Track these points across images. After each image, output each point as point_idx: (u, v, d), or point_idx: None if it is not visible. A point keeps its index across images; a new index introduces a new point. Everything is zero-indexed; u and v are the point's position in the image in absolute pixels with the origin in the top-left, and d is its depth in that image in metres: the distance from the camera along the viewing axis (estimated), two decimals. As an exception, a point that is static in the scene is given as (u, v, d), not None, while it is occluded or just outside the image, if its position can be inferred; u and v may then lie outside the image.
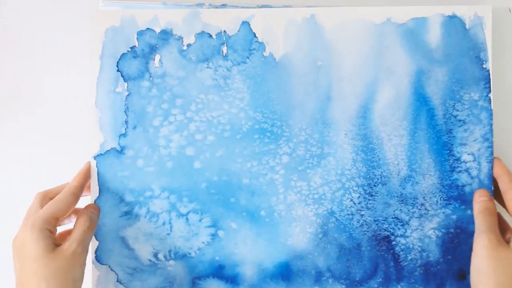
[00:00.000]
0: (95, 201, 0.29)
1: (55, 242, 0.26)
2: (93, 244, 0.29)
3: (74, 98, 0.32)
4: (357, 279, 0.29)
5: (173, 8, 0.30)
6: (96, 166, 0.29)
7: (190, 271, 0.30)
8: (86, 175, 0.29)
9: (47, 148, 0.32)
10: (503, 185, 0.28)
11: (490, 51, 0.29)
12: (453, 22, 0.29)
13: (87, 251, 0.27)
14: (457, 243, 0.29)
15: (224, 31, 0.30)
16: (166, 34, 0.30)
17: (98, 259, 0.29)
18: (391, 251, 0.29)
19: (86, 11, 0.30)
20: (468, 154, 0.29)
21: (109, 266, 0.29)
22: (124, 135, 0.29)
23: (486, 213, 0.28)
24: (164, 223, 0.29)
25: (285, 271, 0.30)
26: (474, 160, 0.29)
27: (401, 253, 0.29)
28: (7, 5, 0.32)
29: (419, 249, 0.29)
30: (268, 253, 0.30)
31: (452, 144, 0.29)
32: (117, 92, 0.30)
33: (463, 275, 0.29)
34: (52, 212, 0.26)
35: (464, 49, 0.29)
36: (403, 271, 0.29)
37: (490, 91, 0.29)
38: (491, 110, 0.29)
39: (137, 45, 0.30)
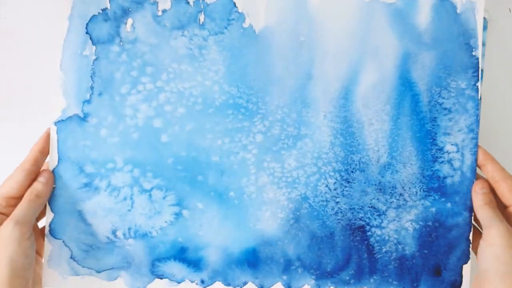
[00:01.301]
0: (53, 170, 0.30)
1: (1, 223, 0.28)
2: (47, 216, 0.30)
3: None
4: (328, 270, 0.31)
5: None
6: (57, 133, 0.30)
7: (150, 252, 0.31)
8: (42, 145, 0.31)
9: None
10: (495, 174, 0.31)
11: (480, 38, 0.31)
12: (444, 5, 0.31)
13: (27, 227, 0.29)
14: (435, 237, 0.31)
15: None
16: None
17: (52, 232, 0.31)
18: (365, 242, 0.31)
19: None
20: (452, 144, 0.31)
21: (63, 241, 0.31)
22: (88, 101, 0.31)
23: (490, 205, 0.31)
24: (125, 198, 0.31)
25: (252, 258, 0.31)
26: (458, 151, 0.31)
27: (375, 244, 0.31)
28: (7, 5, 0.35)
29: (395, 241, 0.31)
30: (235, 238, 0.31)
31: (435, 133, 0.31)
32: (84, 56, 0.31)
33: (438, 271, 0.31)
34: (2, 192, 0.29)
35: (454, 34, 0.31)
36: (376, 263, 0.31)
37: (478, 80, 0.31)
38: (478, 100, 0.31)
39: (109, 7, 0.31)
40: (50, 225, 0.32)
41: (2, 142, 0.39)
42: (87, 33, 0.32)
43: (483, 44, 0.33)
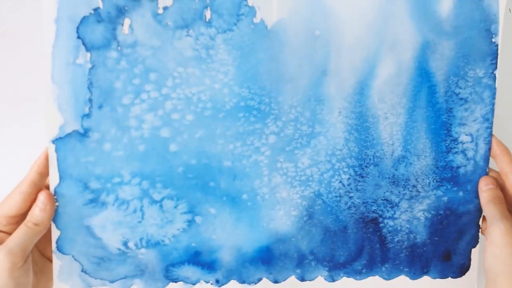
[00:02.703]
0: (55, 189, 0.50)
1: (2, 242, 0.45)
2: (54, 234, 0.49)
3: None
4: (341, 261, 0.55)
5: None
6: (55, 151, 0.48)
7: (163, 259, 0.53)
8: (40, 166, 0.47)
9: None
10: (504, 166, 0.51)
11: (502, 24, 0.50)
12: None
13: (20, 256, 0.45)
14: (446, 225, 0.55)
15: None
16: None
17: (59, 249, 0.51)
18: (378, 233, 0.55)
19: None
20: (466, 134, 0.53)
21: (73, 256, 0.51)
22: (87, 115, 0.48)
23: (496, 201, 0.51)
24: (135, 211, 0.52)
25: (265, 255, 0.54)
26: (472, 141, 0.53)
27: (388, 235, 0.55)
28: (7, 5, 0.47)
29: (407, 231, 0.55)
30: (249, 237, 0.53)
31: (451, 124, 0.52)
32: (78, 64, 0.46)
33: (448, 256, 0.56)
34: (1, 211, 0.46)
35: (476, 21, 0.50)
36: (388, 253, 0.56)
37: (496, 67, 0.52)
38: (495, 88, 0.52)
39: (101, 7, 0.45)
40: (57, 242, 0.52)
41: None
42: (78, 37, 0.47)
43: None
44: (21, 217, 0.47)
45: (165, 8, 0.46)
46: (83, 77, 0.47)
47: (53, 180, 0.48)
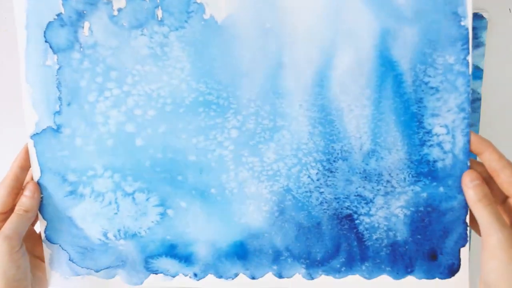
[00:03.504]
0: (38, 182, 0.70)
1: None
2: (41, 224, 0.69)
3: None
4: (318, 258, 0.69)
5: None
6: (34, 146, 0.68)
7: (141, 250, 0.72)
8: (21, 161, 0.65)
9: None
10: (493, 164, 0.59)
11: (470, 5, 0.61)
12: None
13: (16, 240, 0.62)
14: (428, 222, 0.66)
15: None
16: None
17: (48, 238, 0.70)
18: (354, 230, 0.68)
19: None
20: (441, 126, 0.64)
21: (60, 245, 0.71)
22: (58, 112, 0.68)
23: (485, 201, 0.59)
24: (110, 203, 0.71)
25: (240, 251, 0.69)
26: (448, 133, 0.64)
27: (365, 232, 0.68)
28: (7, 5, 0.69)
29: (385, 228, 0.66)
30: (222, 232, 0.67)
31: (422, 115, 0.63)
32: (48, 66, 0.65)
33: (434, 255, 0.68)
34: None
35: (439, 4, 0.60)
36: (367, 251, 0.68)
37: (468, 53, 0.63)
38: (470, 75, 0.63)
39: (63, 12, 0.64)
40: (45, 232, 0.73)
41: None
42: (46, 41, 0.68)
43: (483, 44, 0.66)
44: (8, 214, 0.64)
45: (119, 10, 0.63)
46: (52, 77, 0.65)
47: (35, 173, 0.67)
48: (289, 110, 0.64)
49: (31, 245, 0.68)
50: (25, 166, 0.66)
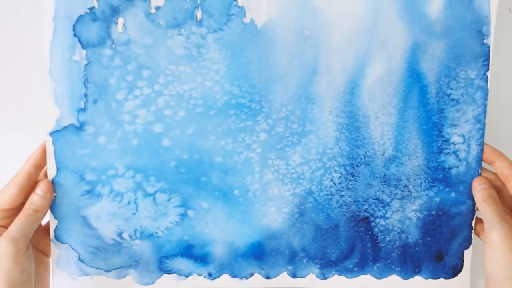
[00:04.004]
0: (52, 180, 0.76)
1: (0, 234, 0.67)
2: (51, 223, 0.74)
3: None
4: (332, 259, 0.81)
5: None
6: (52, 143, 0.72)
7: (157, 251, 0.79)
8: (36, 159, 0.70)
9: None
10: (505, 170, 0.73)
11: (493, 25, 0.73)
12: None
13: (22, 242, 0.67)
14: (438, 225, 0.78)
15: None
16: None
17: (57, 237, 0.75)
18: (369, 232, 0.79)
19: None
20: (458, 135, 0.75)
21: (70, 245, 0.75)
22: (83, 109, 0.73)
23: (490, 201, 0.73)
24: (129, 203, 0.78)
25: (257, 251, 0.78)
26: (464, 142, 0.76)
27: (379, 234, 0.80)
28: (7, 5, 0.72)
29: (398, 230, 0.78)
30: (240, 233, 0.76)
31: (442, 125, 0.75)
32: (74, 61, 0.70)
33: (440, 256, 0.80)
34: None
35: (467, 22, 0.73)
36: (380, 252, 0.79)
37: (488, 69, 0.75)
38: (487, 89, 0.75)
39: (96, 6, 0.69)
40: (55, 231, 0.78)
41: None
42: (75, 35, 0.72)
43: (486, 43, 0.79)
44: (15, 210, 0.67)
45: (157, 8, 0.70)
46: (79, 73, 0.71)
47: (51, 171, 0.72)
48: (318, 115, 0.75)
49: (36, 239, 0.71)
50: (39, 165, 0.71)
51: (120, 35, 0.71)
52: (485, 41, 0.74)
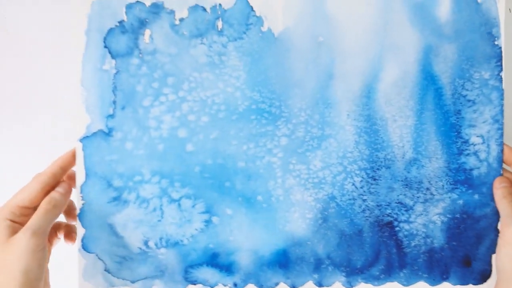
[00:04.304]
0: (81, 187, 0.78)
1: (17, 231, 0.69)
2: (79, 232, 0.77)
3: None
4: (358, 266, 0.81)
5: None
6: (82, 149, 0.76)
7: (182, 259, 0.80)
8: (64, 161, 0.73)
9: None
10: None
11: (503, 27, 0.76)
12: None
13: (42, 237, 0.68)
14: (463, 229, 0.79)
15: (220, 4, 0.73)
16: (157, 8, 0.74)
17: (84, 247, 0.77)
18: (394, 237, 0.80)
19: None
20: (477, 136, 0.77)
21: (97, 255, 0.76)
22: (112, 116, 0.77)
23: (509, 198, 0.74)
24: (155, 209, 0.81)
25: (282, 259, 0.79)
26: (483, 143, 0.77)
27: (404, 239, 0.81)
28: (7, 5, 0.78)
29: (423, 235, 0.79)
30: (265, 240, 0.78)
31: (460, 126, 0.77)
32: (104, 70, 0.75)
33: (468, 261, 0.80)
34: (16, 201, 0.70)
35: (476, 25, 0.77)
36: (406, 257, 0.79)
37: (502, 69, 0.76)
38: (503, 89, 0.76)
39: (125, 19, 0.74)
40: (82, 240, 0.79)
41: (6, 141, 0.89)
42: (105, 47, 0.78)
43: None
44: (32, 210, 0.67)
45: (181, 20, 0.75)
46: (109, 81, 0.75)
47: (80, 177, 0.75)
48: (337, 119, 0.77)
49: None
50: (66, 167, 0.74)
51: (147, 45, 0.76)
52: (496, 43, 0.76)
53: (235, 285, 0.80)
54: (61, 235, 0.77)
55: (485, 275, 0.79)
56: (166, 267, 0.79)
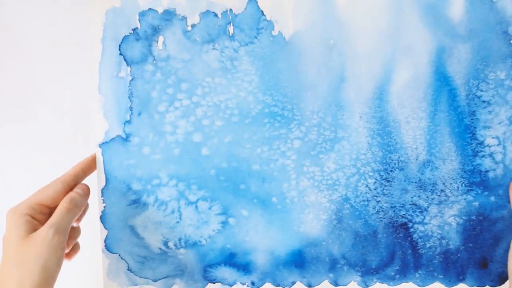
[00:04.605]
0: (101, 190, 0.80)
1: (35, 227, 0.71)
2: (102, 233, 0.78)
3: (75, 97, 0.91)
4: (373, 266, 0.82)
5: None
6: (102, 155, 0.78)
7: (201, 259, 0.83)
8: (86, 165, 0.75)
9: (52, 146, 0.87)
10: None
11: None
12: None
13: (65, 235, 0.70)
14: (479, 231, 0.78)
15: (230, 9, 0.74)
16: (169, 14, 0.75)
17: (107, 248, 0.80)
18: (409, 238, 0.80)
19: (86, 10, 0.80)
20: (493, 137, 0.75)
21: (119, 255, 0.80)
22: (129, 121, 0.80)
23: None
24: (173, 211, 0.84)
25: (298, 259, 0.80)
26: (499, 144, 0.76)
27: (419, 240, 0.80)
28: (7, 5, 0.80)
29: (438, 236, 0.78)
30: (281, 241, 0.79)
31: (475, 127, 0.75)
32: (120, 77, 0.77)
33: (485, 263, 0.79)
34: (37, 198, 0.71)
35: (491, 24, 0.75)
36: (421, 258, 0.79)
37: None
38: None
39: (139, 27, 0.76)
40: (105, 241, 0.83)
41: (7, 141, 0.93)
42: (120, 54, 0.82)
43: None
44: (52, 210, 0.68)
45: (193, 26, 0.76)
46: (125, 88, 0.77)
47: (101, 182, 0.77)
48: (349, 121, 0.77)
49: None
50: (87, 171, 0.76)
51: (160, 52, 0.77)
52: None
53: (252, 283, 0.82)
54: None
55: (502, 278, 0.78)
56: (186, 266, 0.81)
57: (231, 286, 0.82)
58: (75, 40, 0.86)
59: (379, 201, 0.79)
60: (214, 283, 0.82)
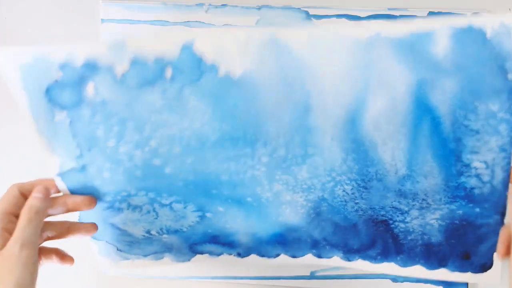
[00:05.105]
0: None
1: (6, 240, 0.58)
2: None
3: None
4: (355, 248, 0.79)
5: (173, 8, 0.64)
6: (63, 181, 0.72)
7: (185, 241, 0.79)
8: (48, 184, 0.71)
9: None
10: None
11: None
12: (467, 33, 0.63)
13: (32, 249, 0.58)
14: (463, 232, 0.71)
15: (162, 58, 0.63)
16: (91, 66, 0.65)
17: (93, 237, 0.81)
18: (390, 232, 0.73)
19: (86, 10, 0.69)
20: (480, 162, 0.65)
21: (106, 241, 0.80)
22: (80, 156, 0.69)
23: None
24: (148, 212, 0.75)
25: (280, 239, 0.77)
26: (487, 168, 0.65)
27: (400, 234, 0.73)
28: (7, 5, 0.70)
29: (420, 232, 0.73)
30: (261, 227, 0.76)
31: (460, 151, 0.64)
32: (58, 121, 0.67)
33: (467, 255, 0.74)
34: (1, 209, 0.61)
35: (483, 59, 0.59)
36: (402, 247, 0.74)
37: None
38: None
39: (61, 75, 0.65)
40: None
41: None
42: (49, 101, 0.67)
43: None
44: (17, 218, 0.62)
45: (123, 74, 0.65)
46: (66, 130, 0.68)
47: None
48: (320, 142, 0.68)
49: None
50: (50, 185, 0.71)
51: (94, 97, 0.66)
52: (509, 77, 0.62)
53: (239, 254, 0.83)
54: (56, 258, 0.76)
55: (485, 267, 0.76)
56: (172, 245, 0.82)
57: (218, 256, 0.83)
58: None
59: (358, 202, 0.74)
60: (202, 254, 0.83)
